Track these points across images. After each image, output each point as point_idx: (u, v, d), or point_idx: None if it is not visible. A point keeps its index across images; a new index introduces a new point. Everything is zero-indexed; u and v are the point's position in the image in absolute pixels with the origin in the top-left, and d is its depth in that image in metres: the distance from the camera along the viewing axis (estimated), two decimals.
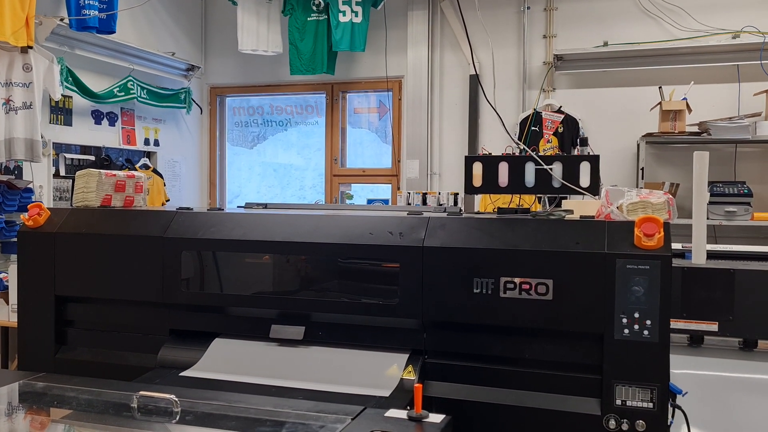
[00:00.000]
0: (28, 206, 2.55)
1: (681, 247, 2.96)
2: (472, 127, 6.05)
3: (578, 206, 2.72)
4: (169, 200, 6.16)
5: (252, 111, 7.22)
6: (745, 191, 4.95)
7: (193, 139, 6.92)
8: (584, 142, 2.92)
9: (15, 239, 4.63)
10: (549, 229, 2.03)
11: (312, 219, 2.29)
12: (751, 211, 4.94)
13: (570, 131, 5.66)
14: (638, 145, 5.32)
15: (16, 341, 4.40)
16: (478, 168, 2.41)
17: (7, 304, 4.31)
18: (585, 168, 2.31)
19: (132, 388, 1.81)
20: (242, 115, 7.26)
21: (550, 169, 2.32)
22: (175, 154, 6.60)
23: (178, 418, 1.64)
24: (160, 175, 6.11)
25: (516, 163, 2.36)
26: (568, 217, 2.19)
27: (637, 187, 5.30)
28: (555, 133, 5.68)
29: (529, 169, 2.35)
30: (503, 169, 2.38)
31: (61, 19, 4.87)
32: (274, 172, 7.36)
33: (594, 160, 2.31)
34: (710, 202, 4.80)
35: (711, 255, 2.91)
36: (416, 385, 1.65)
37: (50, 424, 1.74)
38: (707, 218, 4.42)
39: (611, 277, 1.89)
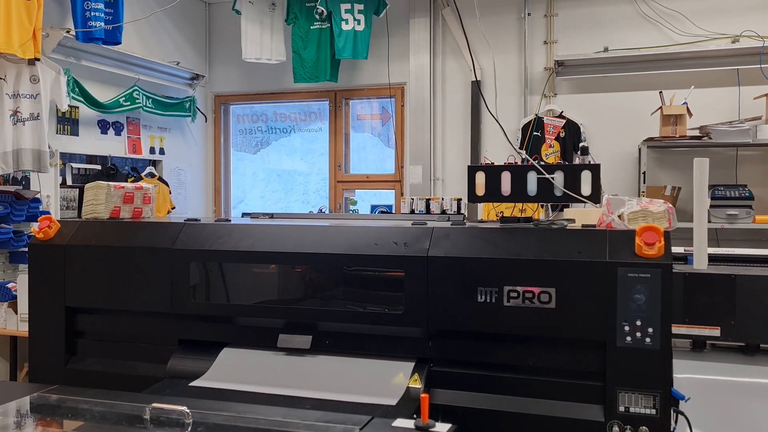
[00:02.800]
0: (39, 219, 2.60)
1: (683, 251, 2.99)
2: (474, 133, 6.09)
3: (580, 214, 2.75)
4: (174, 208, 6.21)
5: (256, 118, 7.28)
6: (747, 194, 4.97)
7: (198, 146, 6.97)
8: (585, 150, 2.94)
9: (23, 249, 4.68)
10: (551, 238, 2.06)
11: (318, 230, 2.33)
12: (753, 214, 4.96)
13: (572, 136, 5.70)
14: (639, 150, 5.34)
15: (25, 350, 4.45)
16: (480, 177, 2.44)
17: (16, 313, 4.35)
18: (586, 177, 2.35)
19: (144, 399, 1.84)
20: (246, 123, 7.31)
21: (552, 178, 2.35)
22: (181, 162, 6.65)
23: (189, 429, 1.68)
24: (166, 183, 6.16)
25: (518, 173, 2.40)
26: (570, 226, 2.23)
27: (638, 190, 5.33)
28: (557, 138, 5.71)
29: (531, 178, 2.39)
30: (506, 178, 2.41)
31: (68, 31, 4.92)
32: (278, 177, 7.40)
33: (595, 169, 2.34)
34: (712, 206, 4.82)
35: (713, 258, 2.93)
36: (423, 395, 1.68)
37: None
38: (709, 221, 4.43)
39: (613, 285, 1.93)
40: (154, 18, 5.81)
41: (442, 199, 5.28)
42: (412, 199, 5.24)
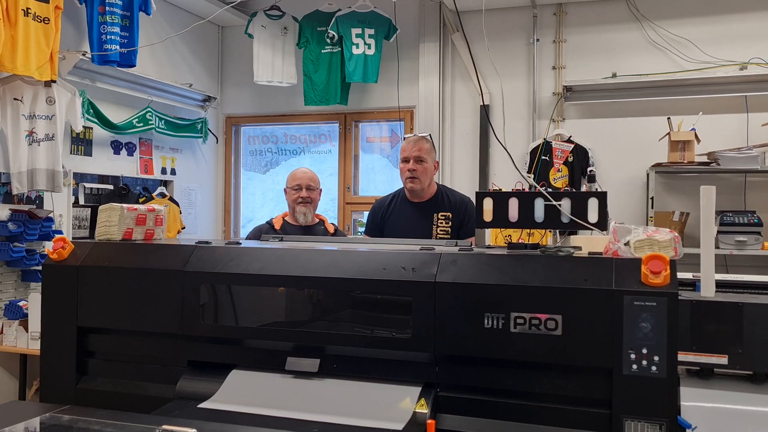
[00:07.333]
0: (53, 240, 2.63)
1: (692, 277, 2.99)
2: (482, 157, 6.13)
3: (587, 241, 2.77)
4: (185, 227, 6.26)
5: (266, 139, 7.35)
6: (756, 221, 4.97)
7: (209, 167, 7.04)
8: (592, 178, 2.98)
9: (35, 268, 4.73)
10: (558, 265, 2.08)
11: (327, 254, 2.36)
12: (762, 241, 4.96)
13: (580, 161, 5.73)
14: (648, 175, 5.36)
15: (35, 368, 4.48)
16: (488, 204, 2.46)
17: (27, 331, 4.39)
18: (593, 204, 2.37)
19: (154, 421, 1.86)
20: (257, 144, 7.38)
21: (559, 205, 2.37)
22: (191, 183, 6.72)
23: None
24: (177, 204, 6.22)
25: (526, 199, 2.42)
26: (577, 253, 2.25)
27: (647, 215, 5.34)
28: (565, 163, 5.74)
29: (539, 205, 2.41)
30: (513, 204, 2.43)
31: (84, 54, 5.02)
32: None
33: (602, 197, 2.37)
34: (721, 232, 4.82)
35: (721, 285, 2.92)
36: (429, 421, 1.70)
37: None
38: (718, 247, 4.41)
39: (619, 313, 1.94)
40: (168, 41, 5.91)
41: None
42: None
